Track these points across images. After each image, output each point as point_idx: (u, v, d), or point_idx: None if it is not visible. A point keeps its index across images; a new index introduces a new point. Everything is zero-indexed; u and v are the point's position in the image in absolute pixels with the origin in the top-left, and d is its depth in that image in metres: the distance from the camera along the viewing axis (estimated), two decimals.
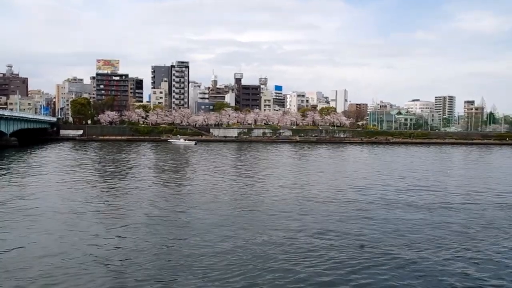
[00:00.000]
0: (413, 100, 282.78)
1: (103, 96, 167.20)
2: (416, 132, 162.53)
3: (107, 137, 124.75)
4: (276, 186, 39.70)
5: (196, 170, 52.12)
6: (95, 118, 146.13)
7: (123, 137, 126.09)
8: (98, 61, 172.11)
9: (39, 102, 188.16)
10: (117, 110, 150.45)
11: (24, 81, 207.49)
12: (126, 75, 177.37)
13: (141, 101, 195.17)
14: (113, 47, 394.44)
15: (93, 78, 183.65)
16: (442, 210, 29.61)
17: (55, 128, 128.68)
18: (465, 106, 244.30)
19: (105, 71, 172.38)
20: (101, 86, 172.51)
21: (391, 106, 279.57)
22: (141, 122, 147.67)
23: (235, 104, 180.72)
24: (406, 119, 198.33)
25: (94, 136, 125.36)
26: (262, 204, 30.95)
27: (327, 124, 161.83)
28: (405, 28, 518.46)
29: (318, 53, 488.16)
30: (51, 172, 46.98)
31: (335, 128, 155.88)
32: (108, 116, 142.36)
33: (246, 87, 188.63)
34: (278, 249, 20.33)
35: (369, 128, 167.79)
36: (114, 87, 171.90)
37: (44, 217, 25.90)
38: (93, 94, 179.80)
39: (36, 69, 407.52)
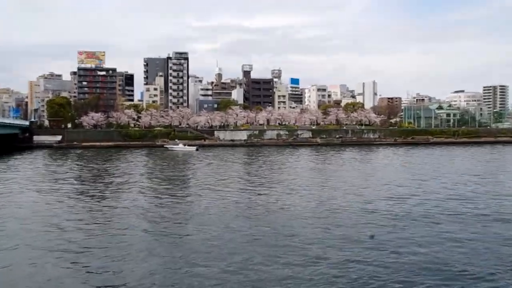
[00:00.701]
0: (457, 92, 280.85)
1: (86, 95, 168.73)
2: (462, 129, 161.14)
3: (91, 144, 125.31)
4: (294, 199, 39.35)
5: (198, 183, 51.87)
6: (76, 121, 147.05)
7: (110, 143, 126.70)
8: (80, 53, 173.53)
9: (8, 102, 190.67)
10: (103, 111, 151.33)
11: None
12: (114, 70, 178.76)
13: (132, 100, 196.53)
14: (98, 36, 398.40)
15: (74, 73, 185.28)
16: (497, 224, 28.98)
17: (27, 134, 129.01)
18: None
19: (88, 65, 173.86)
20: (84, 83, 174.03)
21: (430, 99, 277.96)
22: (132, 125, 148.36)
23: (244, 102, 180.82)
24: (448, 115, 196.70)
25: (75, 143, 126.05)
26: (277, 221, 30.61)
27: (354, 123, 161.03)
28: (447, 5, 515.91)
29: (341, 39, 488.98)
30: (22, 190, 45.97)
31: (363, 127, 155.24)
32: (92, 118, 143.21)
33: (257, 81, 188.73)
34: (298, 279, 19.90)
35: (404, 127, 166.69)
36: (99, 84, 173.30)
37: (16, 247, 25.61)
38: (74, 92, 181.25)
39: (3, 63, 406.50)
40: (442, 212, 32.76)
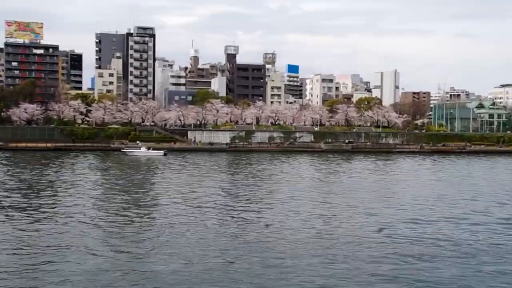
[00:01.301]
0: (503, 86, 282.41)
1: (17, 80, 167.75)
2: (509, 135, 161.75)
3: (23, 145, 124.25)
4: (288, 222, 39.53)
5: (165, 199, 51.96)
6: (3, 113, 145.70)
7: (49, 145, 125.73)
8: (9, 23, 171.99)
9: None
10: (41, 101, 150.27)
11: None
12: (55, 47, 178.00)
13: (80, 88, 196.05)
14: (34, 2, 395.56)
15: (0, 50, 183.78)
16: None
17: None
18: None
19: (20, 40, 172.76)
20: (13, 64, 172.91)
21: (467, 95, 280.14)
22: (80, 121, 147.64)
23: (227, 94, 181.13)
24: (492, 116, 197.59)
25: (0, 143, 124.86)
26: (267, 251, 30.82)
27: (368, 124, 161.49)
28: None
29: (354, 15, 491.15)
30: None
31: (381, 130, 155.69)
32: (25, 111, 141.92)
33: (244, 68, 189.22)
34: None
35: (433, 130, 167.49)
36: (34, 66, 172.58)
37: None
38: (0, 76, 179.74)
39: None
40: (480, 242, 33.17)
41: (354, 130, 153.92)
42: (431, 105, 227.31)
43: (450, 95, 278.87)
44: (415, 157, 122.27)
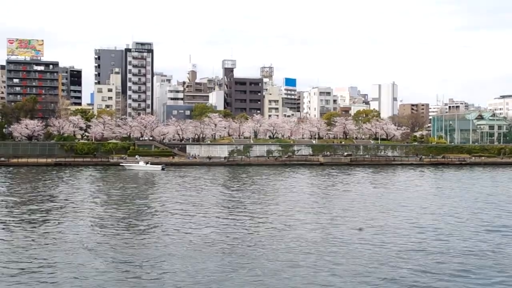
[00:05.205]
0: (503, 97, 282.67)
1: (18, 96, 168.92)
2: (510, 146, 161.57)
3: (24, 160, 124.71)
4: (286, 235, 40.03)
5: (162, 216, 52.12)
6: (4, 130, 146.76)
7: (50, 160, 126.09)
8: (10, 41, 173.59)
9: None
10: (41, 117, 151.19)
11: None
12: (56, 64, 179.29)
13: (79, 104, 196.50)
14: (35, 19, 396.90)
15: (2, 67, 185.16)
16: None
17: None
18: None
19: (21, 57, 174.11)
20: (15, 81, 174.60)
21: (466, 106, 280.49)
22: (80, 136, 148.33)
23: (225, 108, 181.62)
24: (491, 127, 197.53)
25: (2, 159, 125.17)
26: (266, 270, 31.24)
27: (367, 136, 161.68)
28: None
29: (352, 27, 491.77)
30: None
31: (379, 142, 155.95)
32: (26, 127, 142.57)
33: (242, 82, 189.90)
34: None
35: (432, 142, 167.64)
36: (35, 82, 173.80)
37: None
38: (2, 92, 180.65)
39: None
40: (484, 263, 33.60)
41: (353, 143, 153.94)
42: (430, 117, 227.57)
43: (449, 106, 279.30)
44: (415, 169, 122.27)
